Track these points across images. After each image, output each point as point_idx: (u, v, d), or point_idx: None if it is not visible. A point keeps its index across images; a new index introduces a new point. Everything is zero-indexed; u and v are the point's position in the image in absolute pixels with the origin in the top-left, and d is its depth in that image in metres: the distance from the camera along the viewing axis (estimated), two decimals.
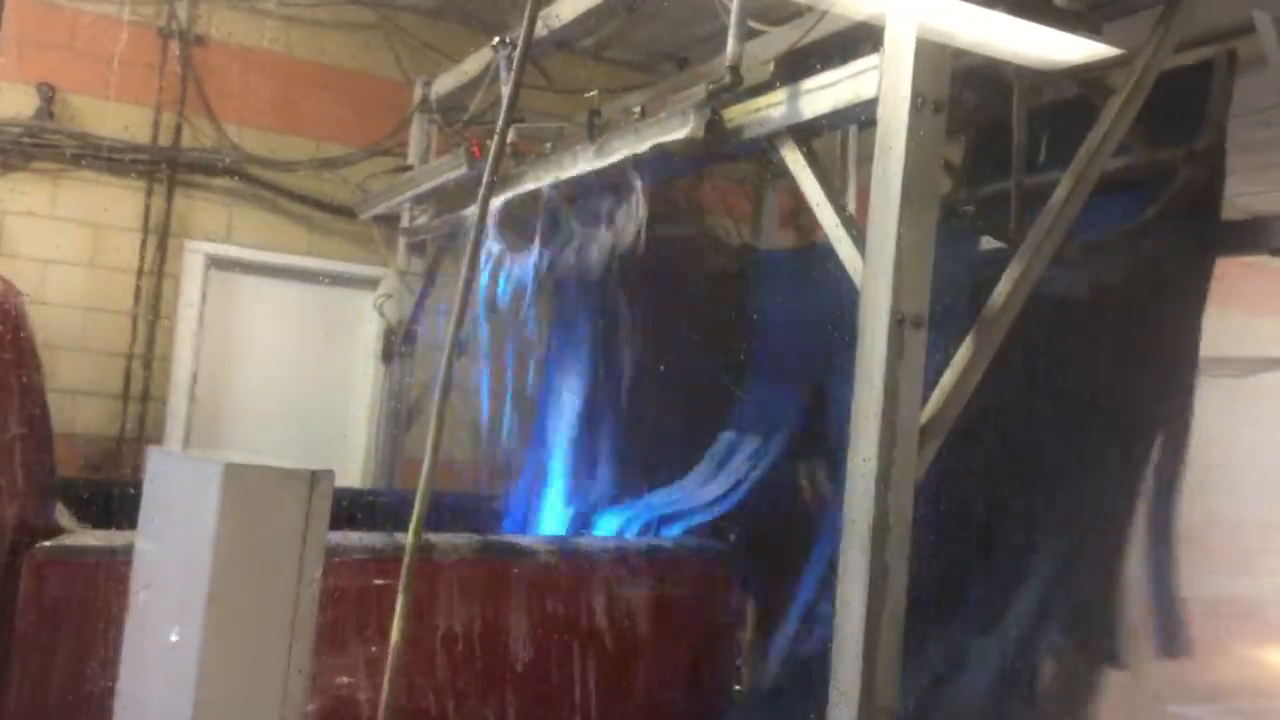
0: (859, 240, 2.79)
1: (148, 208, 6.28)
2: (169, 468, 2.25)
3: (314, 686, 2.16)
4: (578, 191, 3.93)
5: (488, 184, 2.48)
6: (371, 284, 6.55)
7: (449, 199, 5.01)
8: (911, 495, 2.64)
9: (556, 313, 4.79)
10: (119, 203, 6.22)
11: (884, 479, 2.61)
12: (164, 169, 6.31)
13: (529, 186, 4.06)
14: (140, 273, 6.28)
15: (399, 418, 5.96)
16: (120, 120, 6.22)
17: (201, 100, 6.40)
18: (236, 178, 6.48)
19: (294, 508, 1.82)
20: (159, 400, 6.34)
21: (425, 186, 4.81)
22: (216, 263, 6.53)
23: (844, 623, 2.63)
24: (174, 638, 1.93)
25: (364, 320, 6.58)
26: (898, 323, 2.62)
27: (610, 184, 3.77)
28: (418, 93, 5.83)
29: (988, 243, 3.83)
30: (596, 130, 3.63)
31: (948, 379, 2.75)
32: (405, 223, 5.73)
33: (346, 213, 6.45)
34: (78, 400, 6.12)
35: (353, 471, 6.65)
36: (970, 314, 2.85)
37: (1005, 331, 2.81)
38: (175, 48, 6.35)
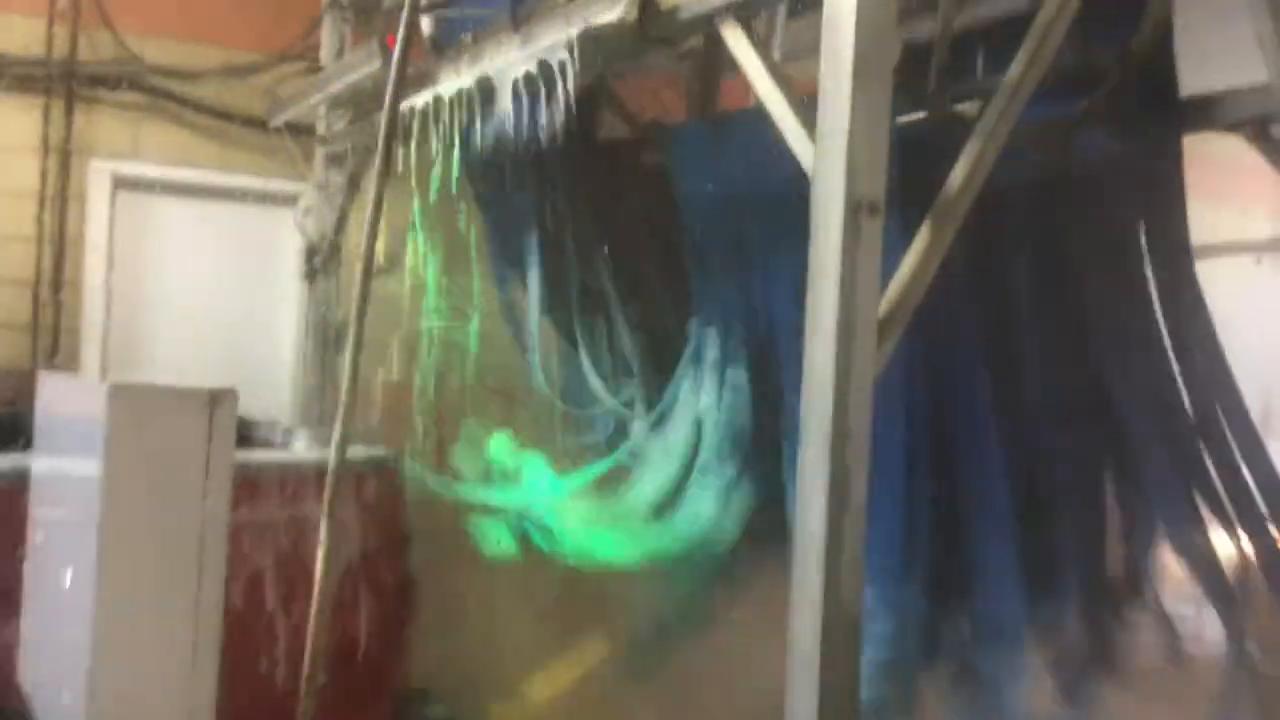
0: (809, 124, 2.59)
1: (46, 126, 5.90)
2: (58, 392, 2.03)
3: None
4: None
5: (396, 78, 2.24)
6: (290, 200, 6.22)
7: (367, 103, 4.71)
8: (870, 394, 2.49)
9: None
10: (14, 122, 5.83)
11: (842, 377, 2.45)
12: (61, 84, 5.92)
13: (449, 83, 3.79)
14: (43, 196, 5.92)
15: (326, 340, 5.70)
16: (10, 33, 5.80)
17: (98, 8, 5.99)
18: (140, 90, 6.10)
19: (191, 430, 1.62)
20: (72, 331, 6.02)
21: (337, 85, 4.50)
22: (123, 182, 6.17)
23: (805, 527, 2.48)
24: (68, 577, 1.73)
25: (284, 238, 6.26)
26: (853, 210, 2.44)
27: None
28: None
29: None
30: (520, 16, 3.38)
31: (905, 268, 2.59)
32: (322, 132, 5.40)
33: (259, 125, 6.09)
34: None
35: (281, 397, 6.40)
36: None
37: (963, 216, 2.64)
38: None
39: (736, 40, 2.84)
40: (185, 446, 1.65)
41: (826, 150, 2.49)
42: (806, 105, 2.67)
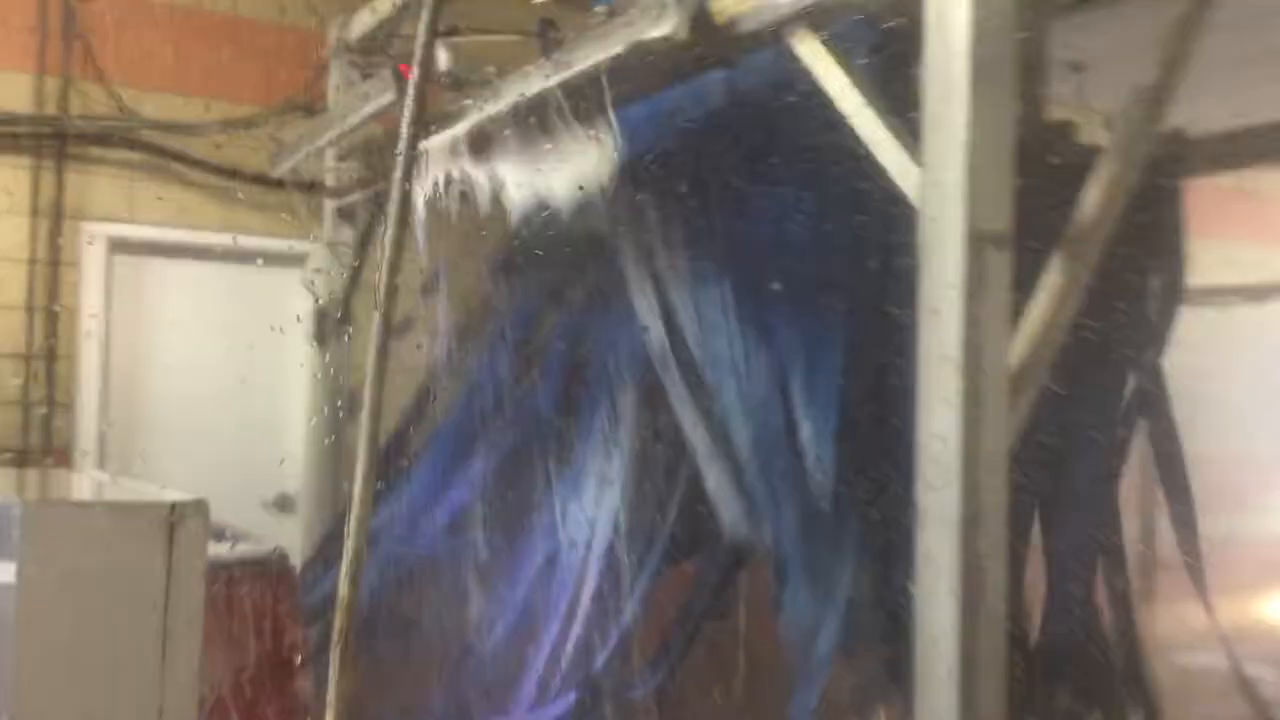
0: (913, 145, 2.17)
1: (36, 187, 5.52)
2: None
3: None
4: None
5: (415, 108, 1.84)
6: (298, 260, 5.83)
7: (379, 152, 4.33)
8: (1005, 465, 2.05)
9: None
10: (1, 183, 5.45)
11: (970, 447, 2.01)
12: (51, 142, 5.54)
13: (471, 119, 3.39)
14: (33, 262, 5.52)
15: (337, 406, 5.27)
16: None
17: (90, 62, 5.63)
18: (135, 148, 5.72)
19: (145, 555, 1.20)
20: (65, 405, 5.60)
21: (345, 124, 4.09)
22: (119, 245, 5.78)
23: (929, 632, 2.03)
24: None
25: (293, 301, 5.86)
26: (976, 244, 2.02)
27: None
28: (334, 35, 5.10)
29: None
30: (552, 41, 2.98)
31: (1038, 311, 2.15)
32: (331, 184, 5.01)
33: (263, 182, 5.72)
34: None
35: (293, 467, 5.97)
36: None
37: (1099, 247, 2.21)
38: (57, 3, 5.57)
39: (813, 53, 2.43)
40: (136, 575, 1.24)
41: (939, 174, 2.07)
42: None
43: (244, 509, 6.08)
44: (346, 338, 5.19)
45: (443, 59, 3.48)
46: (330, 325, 5.16)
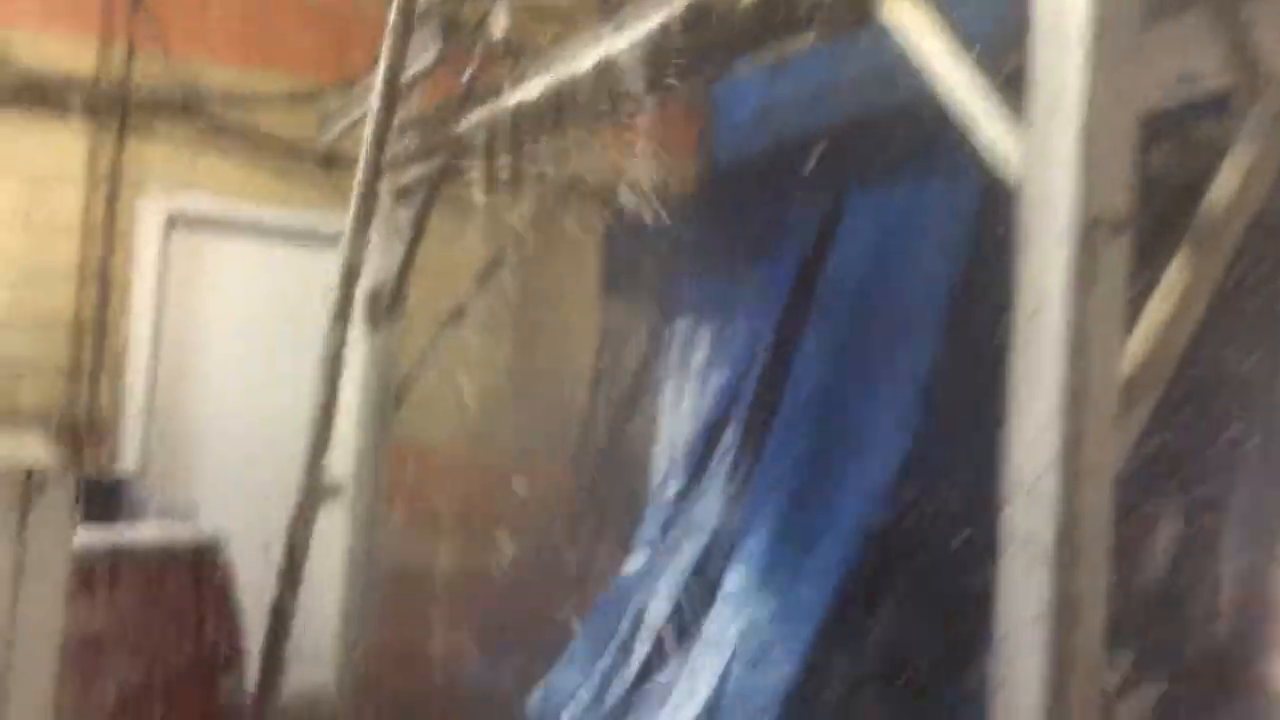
0: (1015, 114, 1.86)
1: (93, 156, 5.40)
2: None
3: None
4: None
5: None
6: None
7: (436, 125, 4.10)
8: (1110, 491, 1.73)
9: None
10: (58, 150, 5.32)
11: (1069, 462, 1.69)
12: (112, 110, 5.42)
13: (530, 91, 3.14)
14: (86, 231, 5.40)
15: (386, 394, 5.06)
16: (60, 54, 5.32)
17: (155, 29, 5.49)
18: (197, 119, 5.58)
19: None
20: (113, 376, 5.47)
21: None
22: (176, 219, 5.64)
23: (1011, 687, 1.72)
24: None
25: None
26: (1088, 229, 1.70)
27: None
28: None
29: None
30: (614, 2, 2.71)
31: (1159, 310, 1.83)
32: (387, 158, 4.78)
33: (323, 159, 5.55)
34: (17, 379, 5.25)
35: (338, 455, 5.78)
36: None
37: (1235, 240, 1.88)
38: None
39: (906, 9, 2.13)
40: None
41: (1046, 147, 1.76)
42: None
43: (290, 492, 5.93)
44: (396, 322, 4.97)
45: (499, 25, 3.23)
46: (382, 307, 4.95)
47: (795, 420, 3.00)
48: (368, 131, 2.17)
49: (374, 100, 2.01)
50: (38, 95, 5.25)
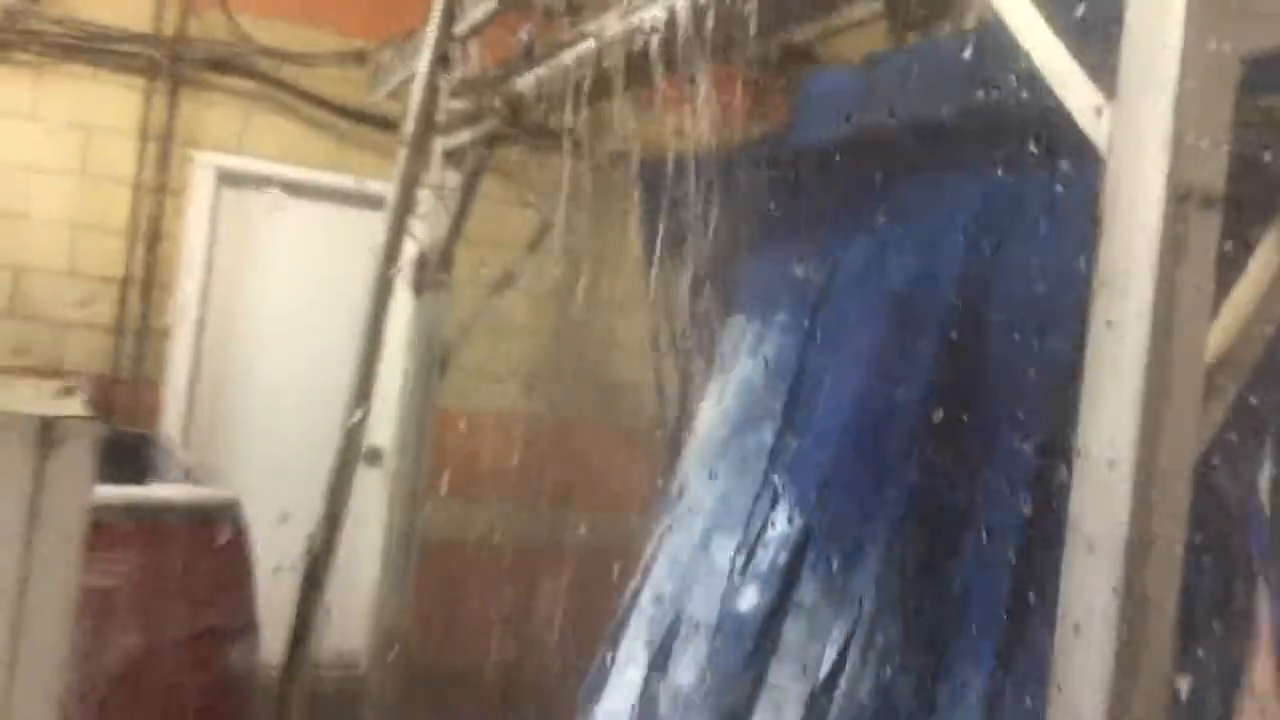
0: (1104, 80, 1.75)
1: (147, 110, 5.39)
2: None
3: None
4: None
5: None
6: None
7: (493, 85, 4.01)
8: (1188, 481, 1.62)
9: None
10: (114, 103, 5.32)
11: (1147, 451, 1.59)
12: (167, 65, 5.40)
13: (588, 51, 3.06)
14: (138, 186, 5.40)
15: (431, 361, 5.01)
16: (116, 6, 5.31)
17: None
18: (251, 77, 5.55)
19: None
20: (160, 334, 5.47)
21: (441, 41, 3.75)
22: (228, 178, 5.63)
23: (1069, 693, 1.62)
24: None
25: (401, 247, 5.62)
26: (1178, 201, 1.59)
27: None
28: None
29: None
30: None
31: (1245, 293, 1.72)
32: (439, 117, 4.70)
33: (377, 121, 5.50)
34: (64, 332, 5.26)
35: (384, 422, 5.75)
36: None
37: None
38: None
39: None
40: None
41: (1135, 111, 1.65)
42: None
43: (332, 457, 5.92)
44: (444, 288, 4.91)
45: None
46: (429, 274, 4.88)
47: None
48: (416, 88, 2.09)
49: (424, 55, 1.92)
50: (96, 49, 5.24)
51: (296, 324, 5.79)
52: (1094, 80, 1.77)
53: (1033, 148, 2.27)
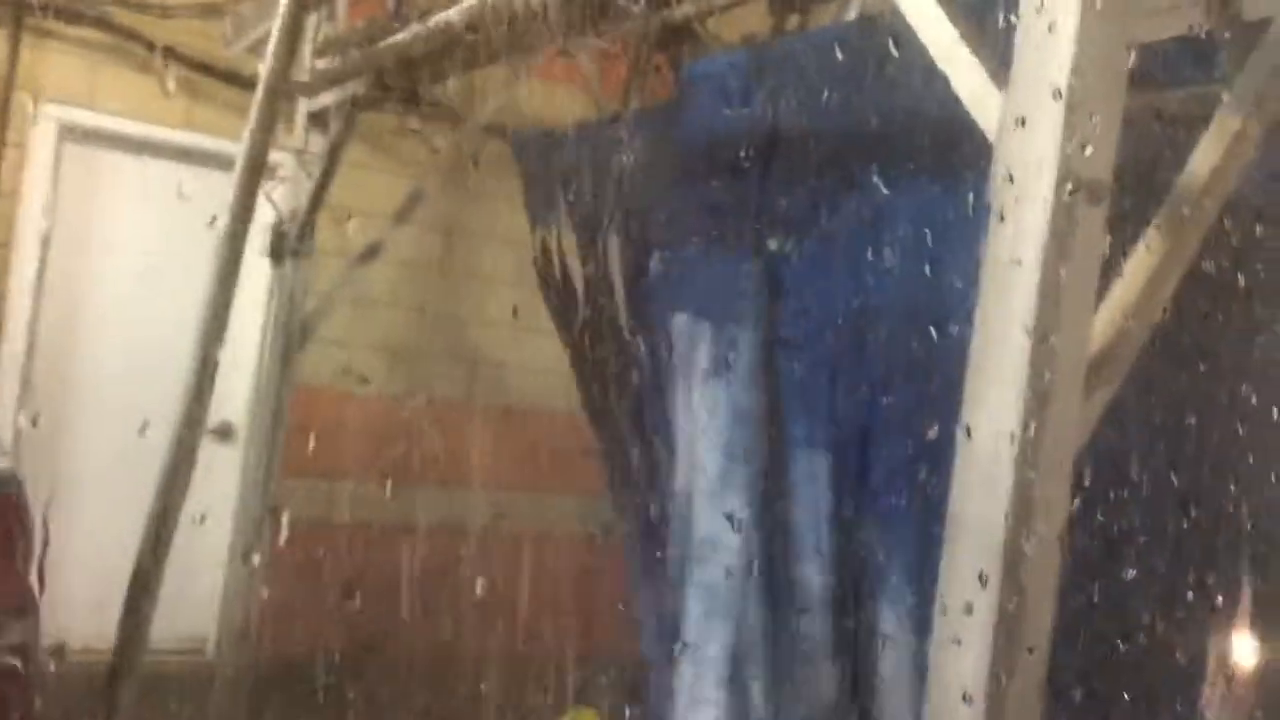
0: (997, 69, 1.73)
1: None
2: None
3: None
4: None
5: None
6: (270, 170, 5.35)
7: (356, 46, 3.85)
8: (1068, 479, 1.62)
9: None
10: None
11: (1028, 449, 1.58)
12: (9, 10, 5.05)
13: (457, 14, 2.93)
14: None
15: (290, 333, 4.81)
16: None
17: None
18: (102, 28, 5.23)
19: None
20: None
21: None
22: (72, 133, 5.30)
23: (941, 704, 1.61)
24: None
25: (256, 212, 5.37)
26: (1066, 194, 1.58)
27: None
28: None
29: None
30: None
31: (1125, 288, 1.72)
32: (302, 79, 4.50)
33: (236, 79, 5.23)
34: None
35: (238, 398, 5.51)
36: None
37: (1212, 217, 1.78)
38: None
39: None
40: None
41: (1026, 101, 1.63)
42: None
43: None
44: (305, 257, 4.72)
45: None
46: (289, 243, 4.69)
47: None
48: (272, 42, 1.96)
49: (280, 6, 1.80)
50: None
51: (143, 291, 5.49)
52: (987, 69, 1.75)
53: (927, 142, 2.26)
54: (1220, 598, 2.39)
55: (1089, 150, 1.60)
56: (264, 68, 2.06)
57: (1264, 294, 2.20)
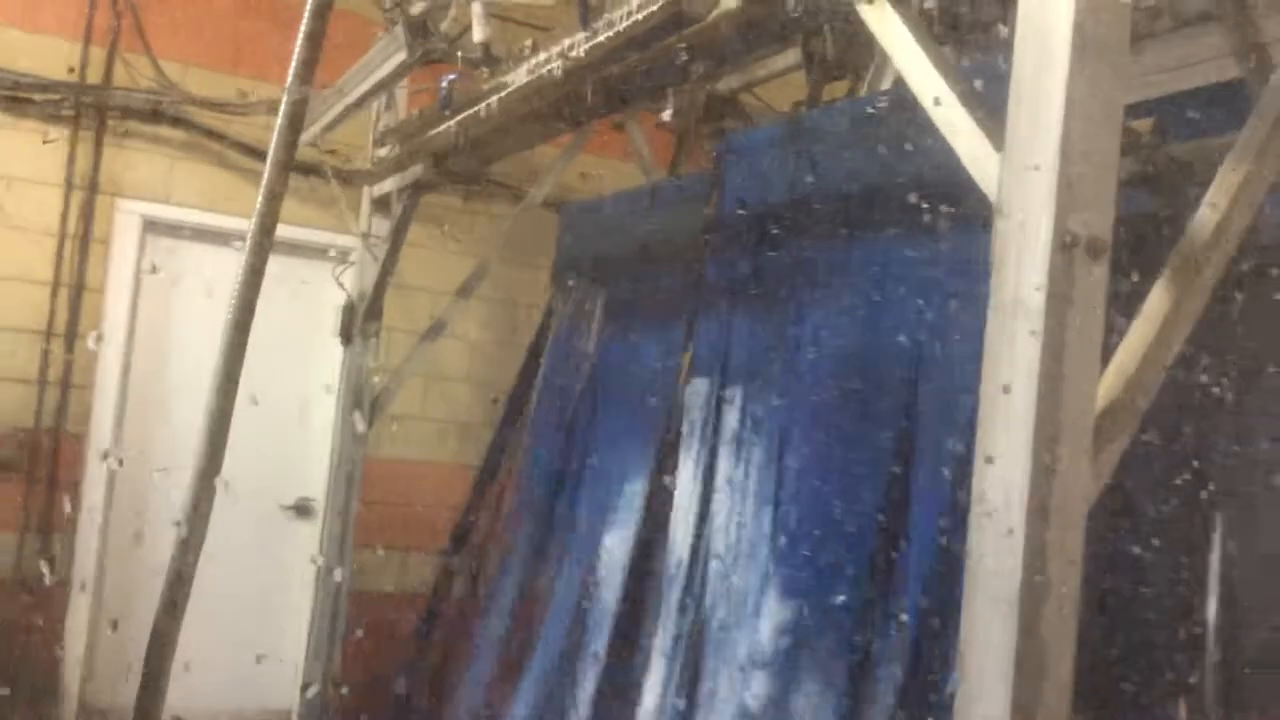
0: (991, 124, 1.77)
1: (71, 159, 5.30)
2: None
3: None
4: None
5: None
6: (340, 254, 5.53)
7: (417, 134, 4.00)
8: (1081, 529, 1.63)
9: None
10: (36, 152, 5.23)
11: (1039, 502, 1.59)
12: (91, 113, 5.33)
13: (502, 99, 3.05)
14: (62, 235, 5.30)
15: (360, 409, 4.95)
16: (40, 54, 5.24)
17: (138, 33, 5.42)
18: (177, 126, 5.49)
19: None
20: (83, 387, 5.35)
21: (360, 89, 3.75)
22: (153, 226, 5.55)
23: None
24: None
25: (327, 295, 5.56)
26: (1064, 248, 1.61)
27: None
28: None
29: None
30: (592, 6, 2.62)
31: (1134, 343, 1.73)
32: (368, 166, 4.69)
33: (305, 170, 5.44)
34: None
35: (313, 475, 5.67)
36: None
37: (1219, 271, 1.79)
38: None
39: (881, 19, 2.04)
40: None
41: (1023, 161, 1.67)
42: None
43: (262, 512, 5.81)
44: (375, 337, 4.87)
45: (478, 29, 3.14)
46: (358, 323, 4.84)
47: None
48: (279, 121, 2.07)
49: (290, 83, 1.93)
50: (18, 97, 5.17)
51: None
52: (984, 130, 1.79)
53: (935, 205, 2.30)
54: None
55: (1087, 205, 1.63)
56: (271, 153, 2.18)
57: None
